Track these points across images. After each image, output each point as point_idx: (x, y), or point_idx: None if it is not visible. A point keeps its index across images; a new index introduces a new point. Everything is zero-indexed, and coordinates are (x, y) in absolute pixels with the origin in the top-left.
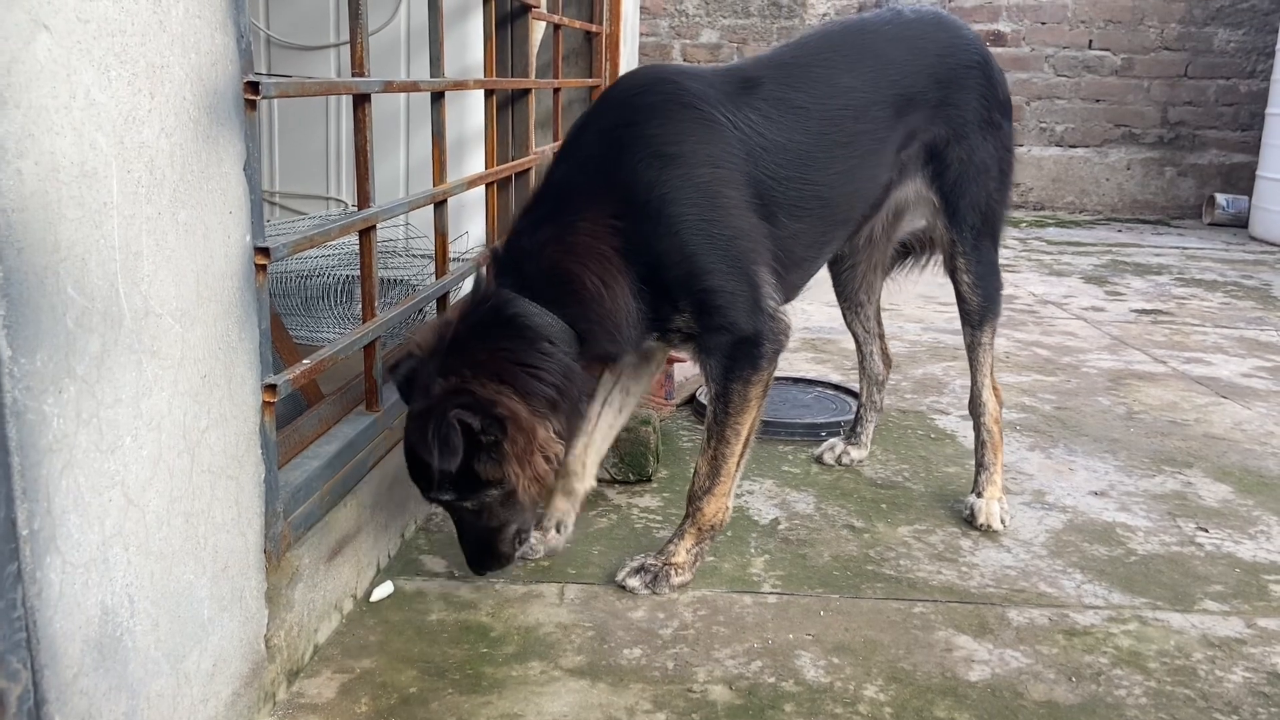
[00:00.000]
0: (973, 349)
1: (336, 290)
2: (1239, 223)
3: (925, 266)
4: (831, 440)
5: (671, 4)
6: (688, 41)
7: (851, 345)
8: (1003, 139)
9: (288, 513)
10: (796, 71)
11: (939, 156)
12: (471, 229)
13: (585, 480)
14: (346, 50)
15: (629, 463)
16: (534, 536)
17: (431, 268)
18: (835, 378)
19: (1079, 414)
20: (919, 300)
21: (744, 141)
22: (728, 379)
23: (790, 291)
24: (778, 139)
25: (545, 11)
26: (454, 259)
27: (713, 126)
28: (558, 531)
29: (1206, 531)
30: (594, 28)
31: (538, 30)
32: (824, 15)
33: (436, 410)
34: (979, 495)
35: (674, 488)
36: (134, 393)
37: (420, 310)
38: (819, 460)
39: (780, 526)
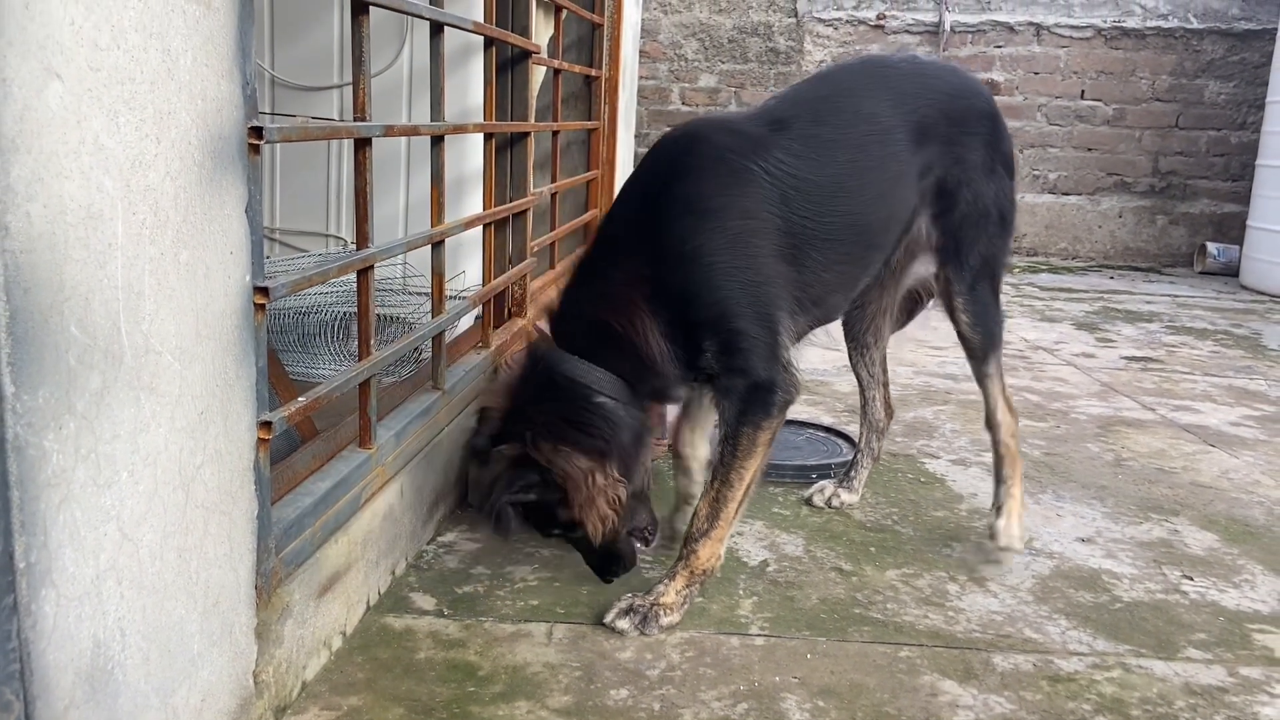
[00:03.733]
0: (981, 380)
1: (334, 327)
2: (1230, 271)
3: (926, 307)
4: (822, 483)
5: (671, 49)
6: (686, 85)
7: (844, 389)
8: (1005, 189)
9: (279, 549)
10: (822, 105)
11: (948, 194)
12: (469, 268)
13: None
14: (350, 90)
15: None
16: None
17: (428, 306)
18: (827, 420)
19: (1068, 460)
20: (912, 344)
21: (776, 186)
22: (739, 423)
23: (831, 314)
24: (809, 176)
25: (546, 57)
26: (451, 297)
27: (745, 178)
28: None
29: (1191, 580)
30: (593, 72)
31: (538, 74)
32: (820, 62)
33: (496, 487)
34: (998, 512)
35: (663, 528)
36: (132, 429)
37: (416, 349)
38: (809, 502)
39: (769, 568)
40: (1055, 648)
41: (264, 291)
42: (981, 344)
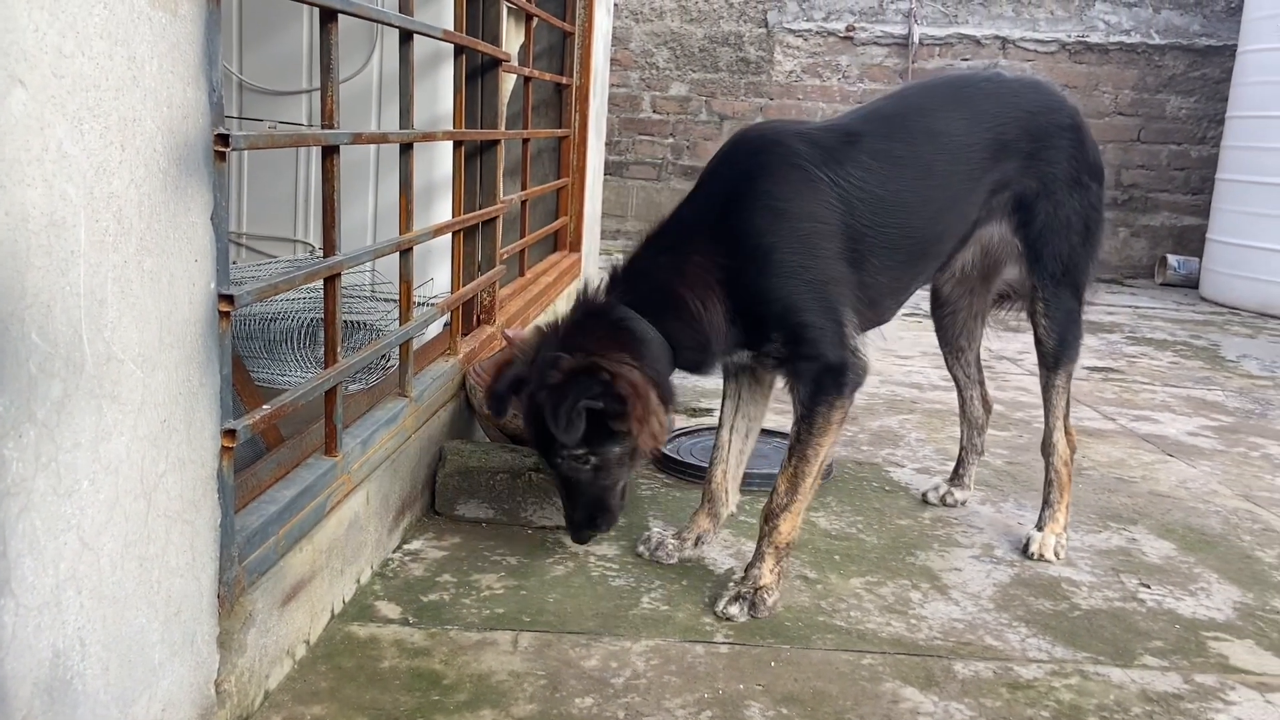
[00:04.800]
0: (1047, 390)
1: (301, 333)
2: (1190, 283)
3: (1010, 310)
4: (936, 480)
5: (642, 57)
6: (657, 94)
7: None
8: (1090, 199)
9: (242, 557)
10: (895, 122)
11: (1027, 207)
12: (437, 276)
13: (728, 505)
14: (318, 95)
15: None
16: (672, 544)
17: (396, 313)
18: None
19: (1030, 469)
20: (878, 354)
21: (843, 197)
22: (814, 403)
23: (884, 315)
24: (875, 191)
25: (516, 65)
26: (419, 304)
27: (816, 185)
28: (695, 545)
29: (1149, 588)
30: (564, 80)
31: (508, 82)
32: (790, 73)
33: (568, 387)
34: (1039, 529)
35: (630, 535)
36: (93, 437)
37: (384, 356)
38: (924, 499)
39: (735, 576)
40: (1015, 655)
41: (229, 299)
42: (1055, 350)
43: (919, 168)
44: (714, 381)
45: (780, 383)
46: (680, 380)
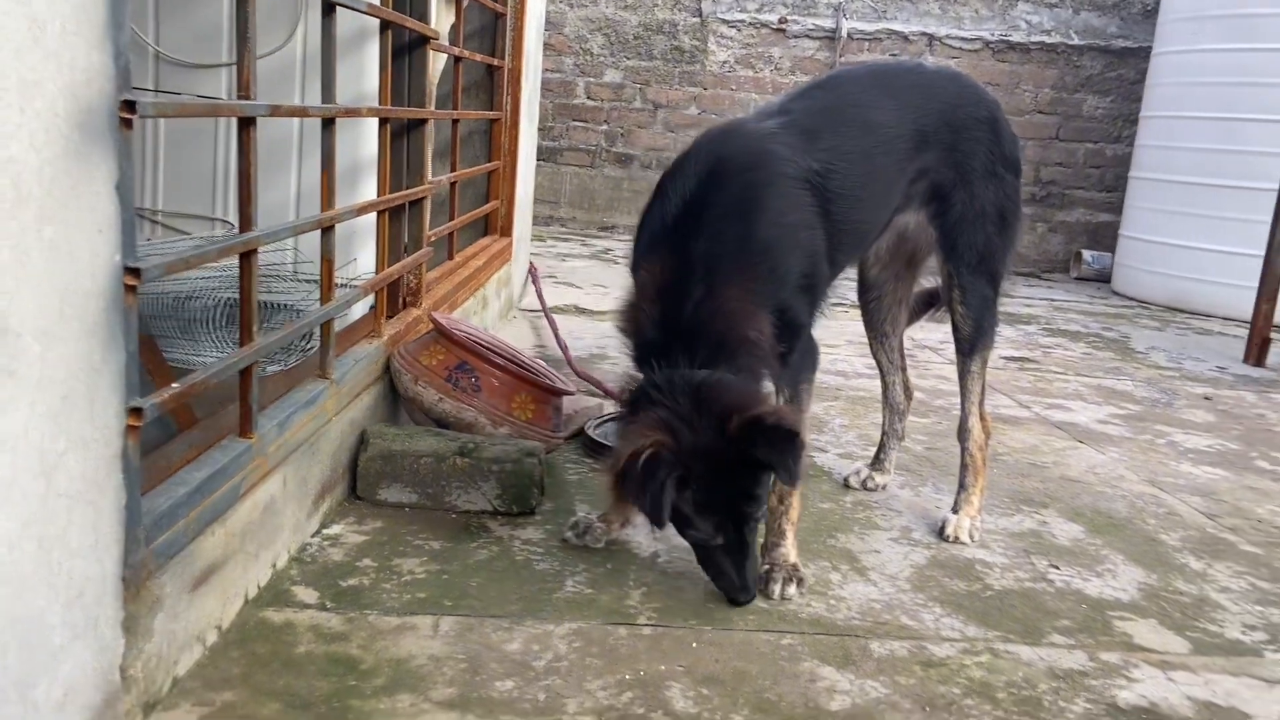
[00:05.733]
0: (963, 376)
1: (218, 313)
2: (1103, 278)
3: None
4: (857, 465)
5: (577, 43)
6: (591, 80)
7: None
8: (1006, 190)
9: (150, 540)
10: (839, 116)
11: (944, 197)
12: (362, 257)
13: None
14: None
15: (512, 495)
16: (599, 528)
17: (317, 293)
18: None
19: (948, 455)
20: None
21: (822, 197)
22: (797, 382)
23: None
24: (837, 187)
25: (445, 43)
26: (341, 285)
27: (805, 192)
28: (621, 529)
29: (1058, 569)
30: (495, 61)
31: (437, 61)
32: (724, 63)
33: (778, 434)
34: (954, 512)
35: (557, 520)
36: None
37: (305, 337)
38: (845, 483)
39: (660, 559)
40: (929, 634)
41: (135, 272)
42: (971, 336)
43: (863, 160)
44: None
45: None
46: (610, 367)
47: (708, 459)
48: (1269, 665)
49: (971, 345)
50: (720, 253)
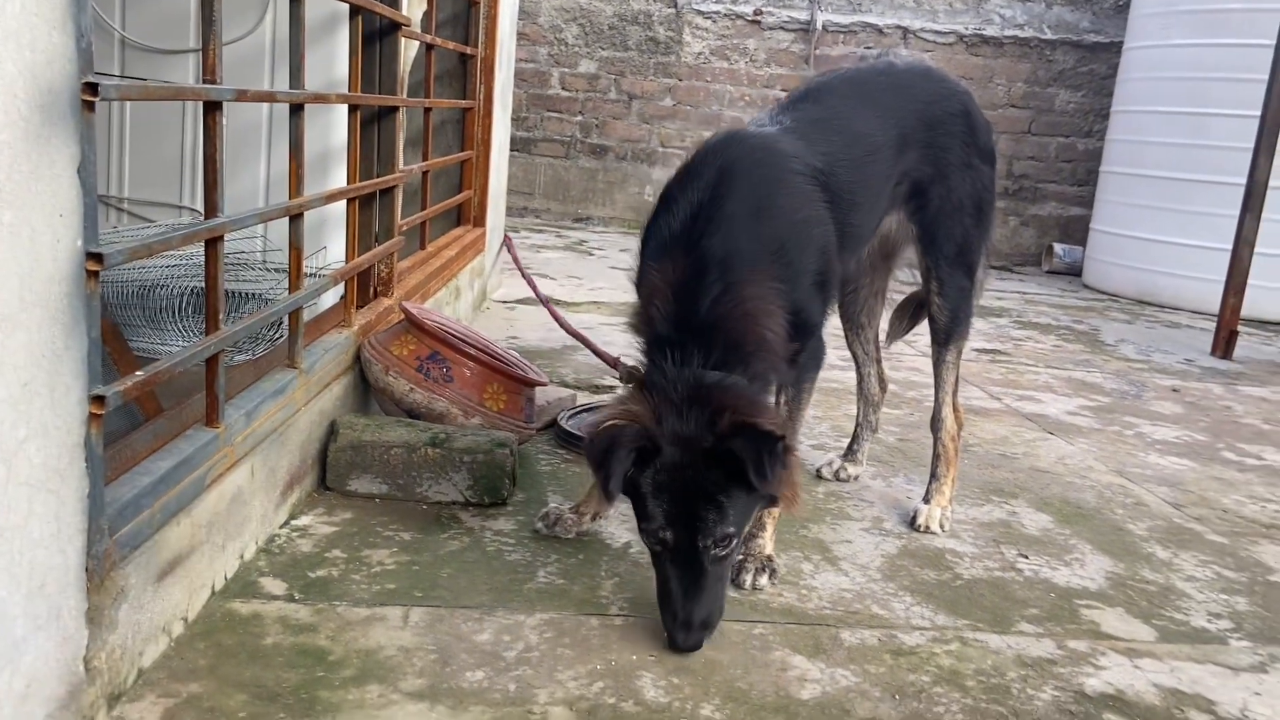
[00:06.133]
0: (938, 366)
1: (185, 302)
2: (1074, 271)
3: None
4: (830, 456)
5: (551, 33)
6: (566, 70)
7: None
8: (982, 181)
9: (114, 530)
10: (828, 126)
11: (922, 192)
12: (332, 245)
13: None
14: None
15: (484, 485)
16: (570, 518)
17: (286, 282)
18: None
19: (919, 445)
20: None
21: (828, 194)
22: (800, 380)
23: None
24: (838, 187)
25: (417, 30)
26: (310, 274)
27: (813, 188)
28: (593, 520)
29: (1027, 558)
30: (469, 50)
31: (409, 49)
32: (699, 54)
33: (758, 433)
34: (926, 501)
35: (528, 511)
36: None
37: (273, 325)
38: (818, 474)
39: (632, 550)
40: (899, 623)
41: (97, 258)
42: (947, 327)
43: (854, 168)
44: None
45: None
46: (584, 358)
47: (683, 445)
48: (1234, 653)
49: (948, 335)
50: (736, 250)
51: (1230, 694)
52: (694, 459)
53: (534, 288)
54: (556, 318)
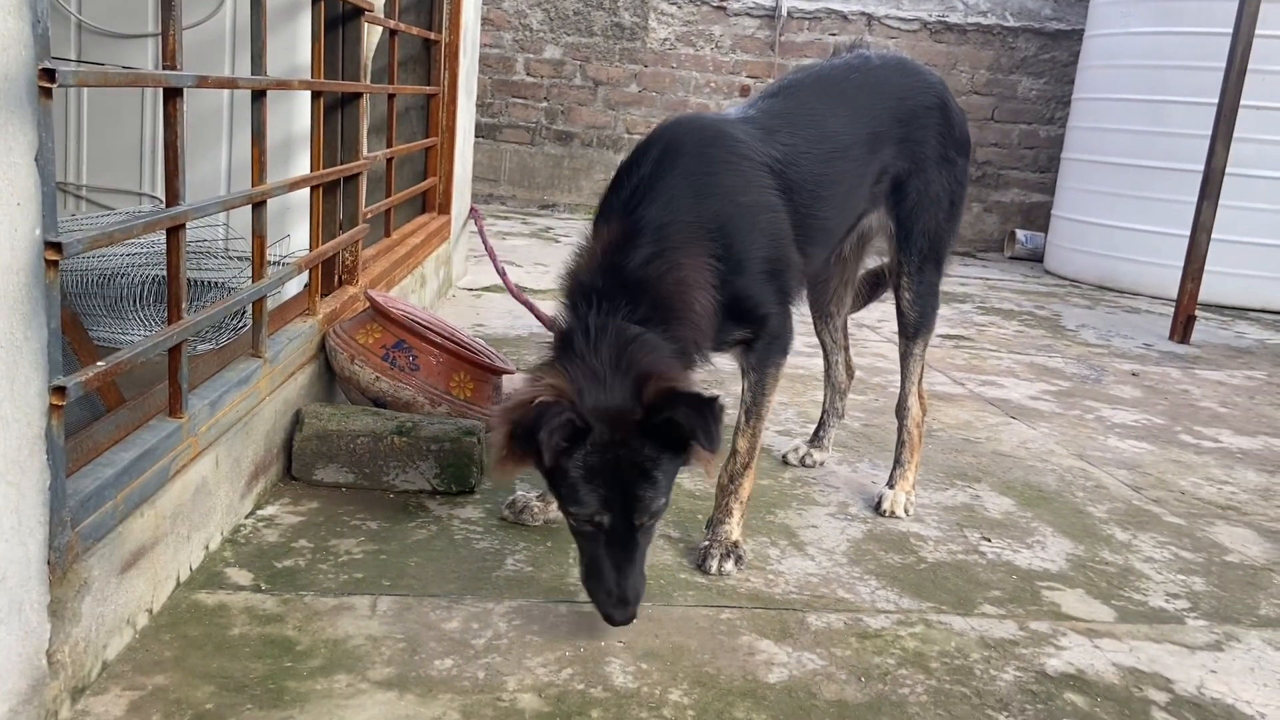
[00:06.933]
0: (905, 358)
1: (145, 291)
2: (1036, 257)
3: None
4: (797, 442)
5: (516, 18)
6: (531, 56)
7: None
8: (957, 173)
9: (76, 522)
10: (795, 120)
11: (900, 187)
12: (296, 233)
13: None
14: None
15: (451, 474)
16: (537, 506)
17: (249, 270)
18: None
19: (884, 431)
20: None
21: (784, 182)
22: (764, 366)
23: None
24: (798, 178)
25: (381, 16)
26: (273, 263)
27: (764, 175)
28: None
29: (989, 541)
30: (432, 35)
31: (372, 34)
32: (664, 40)
33: (698, 401)
34: (890, 486)
35: (496, 499)
36: None
37: (238, 313)
38: (784, 460)
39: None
40: (865, 606)
41: (56, 247)
42: (916, 321)
43: (823, 163)
44: None
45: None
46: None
47: (612, 421)
48: (1191, 632)
49: (916, 329)
50: (672, 220)
51: (1187, 672)
52: (625, 435)
53: (493, 257)
54: (500, 272)
